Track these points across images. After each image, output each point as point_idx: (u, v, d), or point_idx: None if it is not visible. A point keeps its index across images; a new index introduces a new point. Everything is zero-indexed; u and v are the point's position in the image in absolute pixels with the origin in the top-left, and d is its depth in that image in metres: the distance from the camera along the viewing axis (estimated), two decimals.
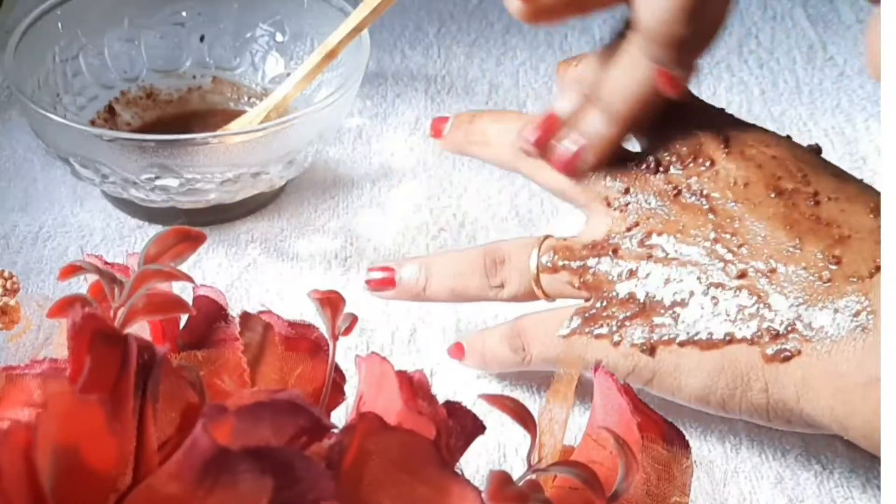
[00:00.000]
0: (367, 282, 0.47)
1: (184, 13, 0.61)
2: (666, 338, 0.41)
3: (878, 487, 0.43)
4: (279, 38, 0.60)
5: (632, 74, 0.43)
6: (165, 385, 0.29)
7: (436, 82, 0.65)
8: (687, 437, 0.36)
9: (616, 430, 0.34)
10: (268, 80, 0.60)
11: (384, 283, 0.47)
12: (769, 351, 0.39)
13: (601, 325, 0.43)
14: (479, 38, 0.69)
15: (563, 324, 0.44)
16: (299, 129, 0.51)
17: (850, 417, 0.38)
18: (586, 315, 0.43)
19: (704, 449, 0.44)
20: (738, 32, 0.70)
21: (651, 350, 0.42)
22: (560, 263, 0.44)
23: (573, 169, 0.45)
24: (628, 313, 0.42)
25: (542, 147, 0.45)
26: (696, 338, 0.41)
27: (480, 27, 0.70)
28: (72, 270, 0.34)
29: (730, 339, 0.40)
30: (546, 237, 0.45)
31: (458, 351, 0.47)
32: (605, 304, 0.43)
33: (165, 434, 0.30)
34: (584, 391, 0.38)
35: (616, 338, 0.42)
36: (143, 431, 0.28)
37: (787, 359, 0.39)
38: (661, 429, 0.36)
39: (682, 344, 0.41)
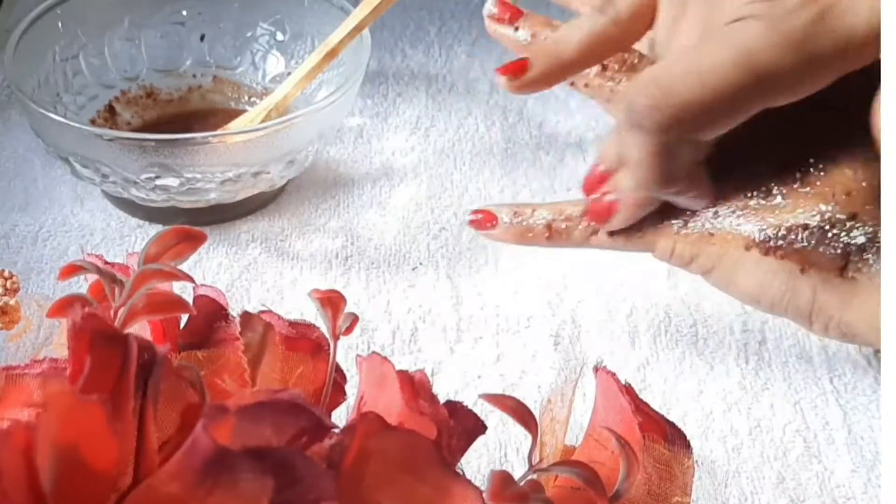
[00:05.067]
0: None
1: (184, 12, 0.60)
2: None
3: (880, 487, 0.43)
4: (280, 37, 0.60)
5: (645, 149, 0.41)
6: (166, 385, 0.29)
7: (437, 81, 0.65)
8: (688, 437, 0.36)
9: (617, 430, 0.34)
10: (268, 80, 0.60)
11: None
12: (825, 258, 0.40)
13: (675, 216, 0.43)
14: (480, 37, 0.69)
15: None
16: (300, 128, 0.51)
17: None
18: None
19: (706, 449, 0.44)
20: None
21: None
22: None
23: (602, 222, 0.44)
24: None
25: (588, 194, 0.44)
26: (762, 241, 0.42)
27: (482, 26, 0.70)
28: (72, 270, 0.34)
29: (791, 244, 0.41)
30: None
31: (487, 219, 0.47)
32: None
33: (165, 434, 0.30)
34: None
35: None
36: (143, 431, 0.28)
37: (842, 270, 0.40)
38: (663, 428, 0.36)
39: (748, 248, 0.42)
